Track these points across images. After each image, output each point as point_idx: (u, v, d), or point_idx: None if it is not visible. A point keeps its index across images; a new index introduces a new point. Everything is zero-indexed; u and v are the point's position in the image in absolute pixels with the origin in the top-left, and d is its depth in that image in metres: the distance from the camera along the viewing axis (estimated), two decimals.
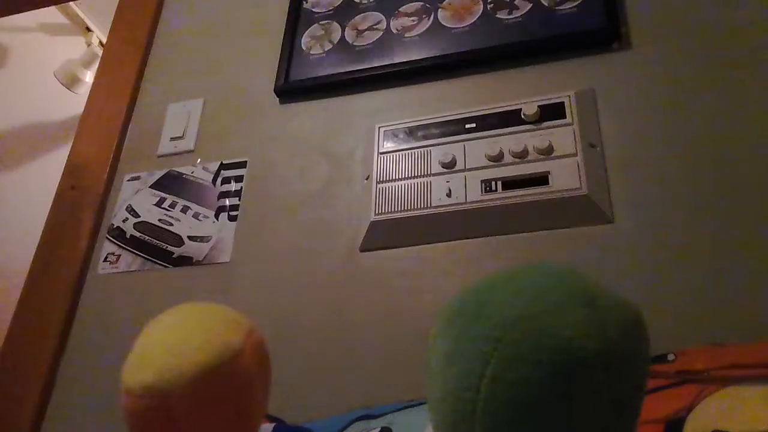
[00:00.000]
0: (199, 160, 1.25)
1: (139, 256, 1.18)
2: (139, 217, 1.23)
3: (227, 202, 1.17)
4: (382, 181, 1.05)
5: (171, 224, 1.19)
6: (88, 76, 2.44)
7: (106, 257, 1.21)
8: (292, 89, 1.23)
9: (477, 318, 0.31)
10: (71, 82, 2.44)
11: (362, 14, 1.25)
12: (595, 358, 0.29)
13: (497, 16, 1.12)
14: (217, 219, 1.16)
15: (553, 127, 0.98)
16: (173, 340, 0.44)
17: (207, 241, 1.14)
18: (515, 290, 0.31)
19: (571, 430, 0.29)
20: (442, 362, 0.32)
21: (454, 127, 1.05)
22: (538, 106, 1.00)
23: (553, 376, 0.28)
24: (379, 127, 1.10)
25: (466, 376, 0.30)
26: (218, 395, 0.44)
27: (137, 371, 0.43)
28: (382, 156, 1.07)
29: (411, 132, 1.07)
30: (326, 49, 1.24)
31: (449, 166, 1.01)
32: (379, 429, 0.68)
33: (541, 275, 0.32)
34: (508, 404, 0.29)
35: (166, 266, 1.15)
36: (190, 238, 1.16)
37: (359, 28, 1.23)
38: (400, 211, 1.01)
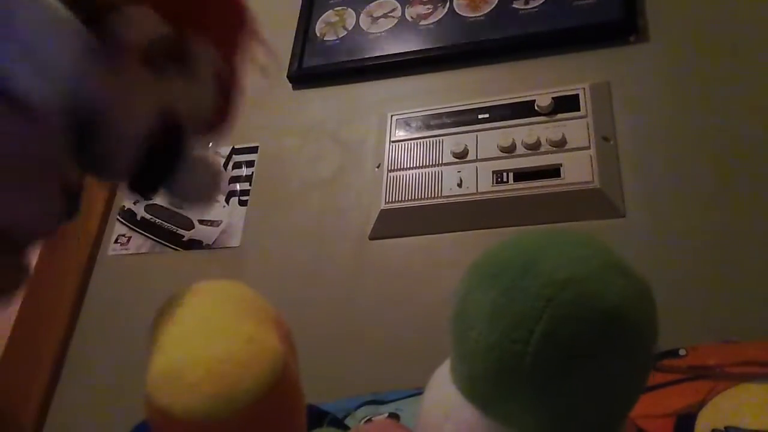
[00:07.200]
0: (210, 144, 1.25)
1: (150, 238, 1.19)
2: (150, 199, 1.23)
3: (238, 186, 1.17)
4: (393, 170, 1.05)
5: (181, 207, 1.19)
6: None
7: (116, 239, 1.22)
8: (305, 75, 1.23)
9: (525, 274, 0.34)
10: None
11: (377, 1, 1.24)
12: (635, 323, 0.34)
13: (513, 5, 1.11)
14: (228, 203, 1.16)
15: (567, 119, 0.97)
16: (214, 351, 0.37)
17: (217, 225, 1.14)
18: (559, 253, 0.35)
19: (609, 384, 0.34)
20: (486, 312, 0.35)
21: (466, 117, 1.04)
22: (552, 98, 0.99)
23: (602, 336, 0.33)
24: (392, 116, 1.10)
25: (515, 329, 0.33)
26: (273, 417, 0.38)
27: (177, 392, 0.35)
28: (393, 144, 1.07)
29: (423, 121, 1.07)
30: (340, 36, 1.23)
31: (461, 155, 1.00)
32: (386, 414, 0.69)
33: (577, 243, 0.36)
34: (556, 358, 0.32)
35: (176, 249, 1.16)
36: (201, 221, 1.16)
37: (374, 15, 1.23)
38: (411, 200, 1.01)
